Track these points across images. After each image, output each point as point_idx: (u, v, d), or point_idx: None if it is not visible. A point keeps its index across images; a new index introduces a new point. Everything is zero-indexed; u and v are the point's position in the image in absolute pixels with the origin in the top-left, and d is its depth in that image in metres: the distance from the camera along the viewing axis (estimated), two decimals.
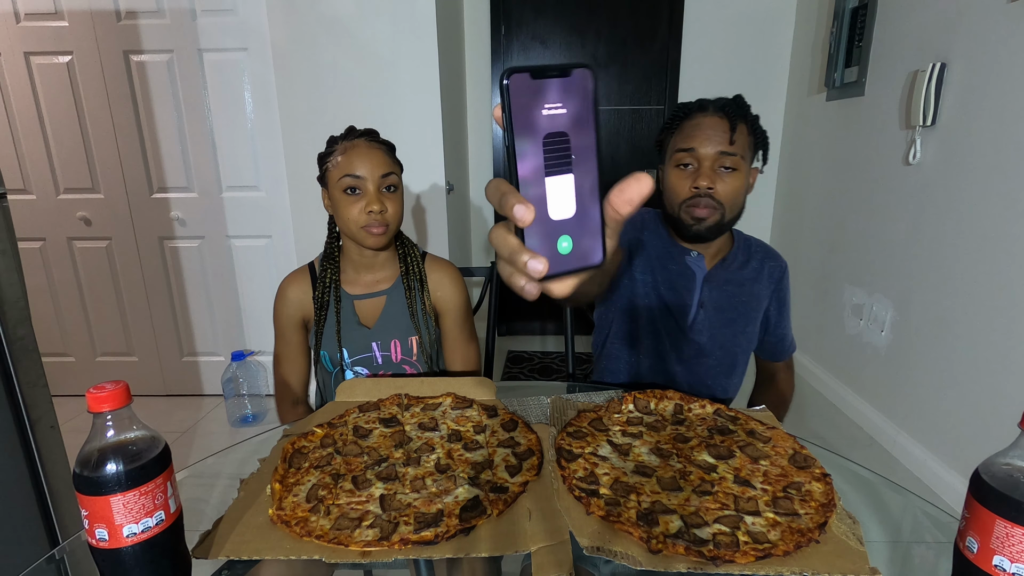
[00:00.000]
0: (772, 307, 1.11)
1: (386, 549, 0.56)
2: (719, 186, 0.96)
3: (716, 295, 1.07)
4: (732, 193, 0.97)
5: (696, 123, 0.97)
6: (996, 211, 1.61)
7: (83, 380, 2.48)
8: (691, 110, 0.99)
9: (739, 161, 0.96)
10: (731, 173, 0.96)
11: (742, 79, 2.91)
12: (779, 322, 1.12)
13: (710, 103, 0.98)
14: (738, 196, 0.98)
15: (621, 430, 0.79)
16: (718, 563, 0.53)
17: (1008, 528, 0.44)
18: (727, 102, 0.97)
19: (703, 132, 0.95)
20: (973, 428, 1.70)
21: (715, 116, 0.96)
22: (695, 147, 0.96)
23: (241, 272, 2.38)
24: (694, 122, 0.97)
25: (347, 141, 1.03)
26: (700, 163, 0.96)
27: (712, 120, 0.96)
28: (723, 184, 0.96)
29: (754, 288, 1.09)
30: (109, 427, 0.49)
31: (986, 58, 1.65)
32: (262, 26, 2.06)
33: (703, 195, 0.96)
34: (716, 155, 0.95)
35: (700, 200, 0.97)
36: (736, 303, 1.08)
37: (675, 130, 1.01)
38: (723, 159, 0.95)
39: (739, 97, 0.99)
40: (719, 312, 1.07)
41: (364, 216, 1.00)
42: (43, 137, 2.22)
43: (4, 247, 1.06)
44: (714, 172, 0.96)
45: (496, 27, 2.84)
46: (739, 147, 0.95)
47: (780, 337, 1.14)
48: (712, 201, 0.96)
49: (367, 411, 0.85)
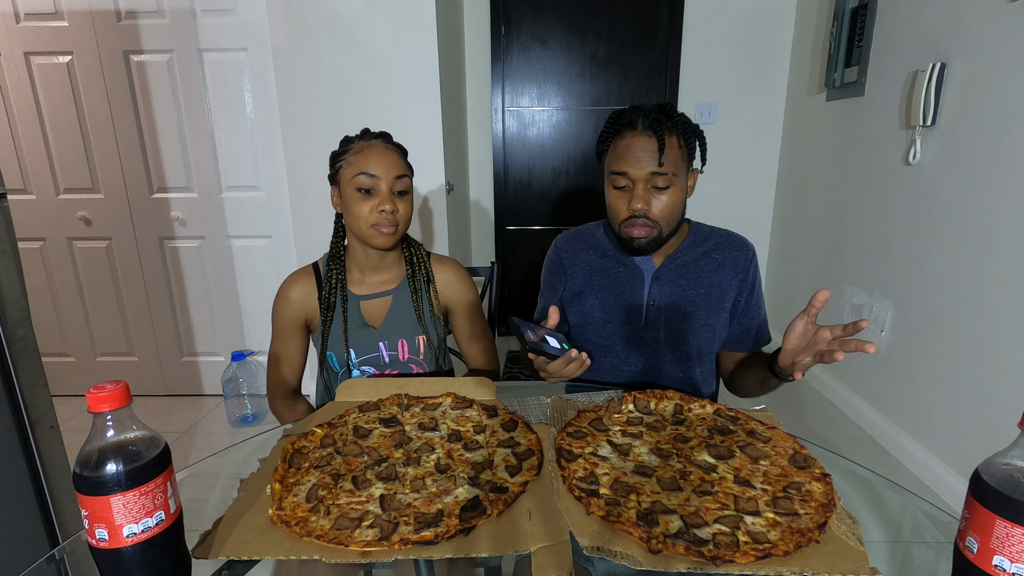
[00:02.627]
0: (740, 297, 1.08)
1: (386, 549, 0.56)
2: (654, 205, 0.98)
3: (668, 291, 1.07)
4: (667, 209, 0.99)
5: (627, 143, 0.98)
6: (996, 211, 1.61)
7: (83, 380, 2.48)
8: (622, 127, 1.00)
9: (672, 178, 0.97)
10: (665, 190, 0.98)
11: (742, 79, 2.91)
12: (747, 311, 1.09)
13: (639, 118, 0.98)
14: (675, 210, 1.00)
15: (621, 430, 0.79)
16: (718, 563, 0.53)
17: (1008, 528, 0.44)
18: (656, 117, 0.97)
19: (633, 155, 0.97)
20: (973, 428, 1.70)
21: (644, 136, 0.96)
22: (627, 170, 0.97)
23: (241, 272, 2.38)
24: (625, 142, 0.98)
25: (364, 141, 1.04)
26: (634, 184, 0.98)
27: (641, 141, 0.96)
28: (658, 202, 0.98)
29: (714, 279, 1.07)
30: (109, 427, 0.49)
31: (986, 58, 1.65)
32: (262, 26, 2.06)
33: (639, 216, 0.99)
34: (648, 176, 0.97)
35: (636, 221, 0.99)
36: (692, 296, 1.07)
37: (609, 146, 1.02)
38: (655, 179, 0.97)
39: (666, 106, 1.00)
40: (672, 307, 1.07)
41: (376, 215, 1.01)
42: (43, 137, 2.22)
43: (4, 247, 1.06)
44: (648, 192, 0.98)
45: (496, 27, 2.84)
46: (670, 164, 0.96)
47: (747, 327, 1.10)
48: (648, 221, 0.99)
49: (367, 411, 0.86)
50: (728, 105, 2.94)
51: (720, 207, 3.02)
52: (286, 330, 1.11)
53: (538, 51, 2.87)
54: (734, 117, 2.96)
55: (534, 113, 2.96)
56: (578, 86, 2.91)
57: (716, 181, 2.99)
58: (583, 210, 3.07)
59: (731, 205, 3.06)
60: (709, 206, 2.84)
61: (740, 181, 3.05)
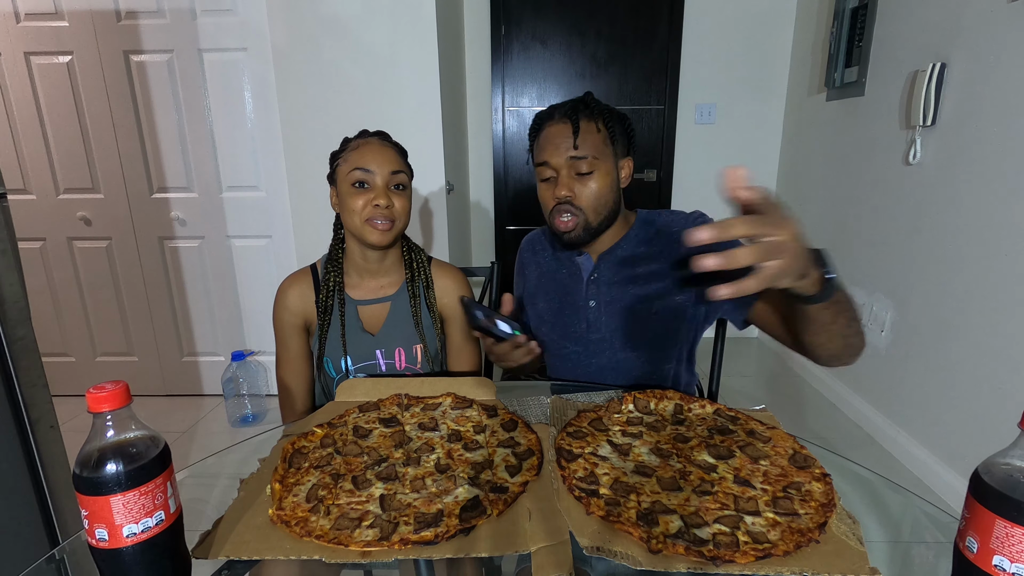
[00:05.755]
0: None
1: (386, 549, 0.56)
2: (578, 192, 0.97)
3: (604, 291, 1.05)
4: (593, 196, 0.97)
5: (545, 134, 0.99)
6: (996, 211, 1.61)
7: (83, 380, 2.48)
8: (542, 120, 1.01)
9: (593, 162, 0.96)
10: (588, 176, 0.96)
11: (742, 79, 2.91)
12: None
13: (557, 109, 0.98)
14: (601, 196, 0.98)
15: (621, 430, 0.79)
16: (718, 563, 0.53)
17: (1008, 528, 0.44)
18: (572, 105, 0.98)
19: (551, 142, 0.97)
20: (973, 428, 1.70)
21: (559, 123, 0.97)
22: (547, 159, 0.97)
23: (241, 272, 2.38)
24: (544, 133, 0.99)
25: (361, 139, 1.05)
26: (557, 172, 0.98)
27: (557, 128, 0.97)
28: (581, 188, 0.97)
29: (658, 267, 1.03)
30: (109, 427, 0.49)
31: (986, 58, 1.65)
32: (262, 26, 2.06)
33: (563, 203, 0.98)
34: (567, 162, 0.96)
35: (561, 209, 0.98)
36: (632, 291, 1.03)
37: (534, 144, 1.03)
38: (576, 164, 0.96)
39: (587, 95, 1.00)
40: (611, 304, 1.05)
41: (370, 208, 1.00)
42: (43, 137, 2.22)
43: (4, 247, 1.06)
44: (571, 179, 0.97)
45: (496, 27, 2.84)
46: (588, 147, 0.95)
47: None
48: (572, 207, 0.98)
49: (367, 411, 0.85)
50: (728, 105, 2.94)
51: (720, 207, 3.02)
52: (286, 334, 1.09)
53: (538, 51, 2.87)
54: (734, 117, 2.95)
55: (534, 113, 2.95)
56: (578, 86, 2.91)
57: (716, 181, 2.98)
58: None
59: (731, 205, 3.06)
60: (709, 206, 2.83)
61: None
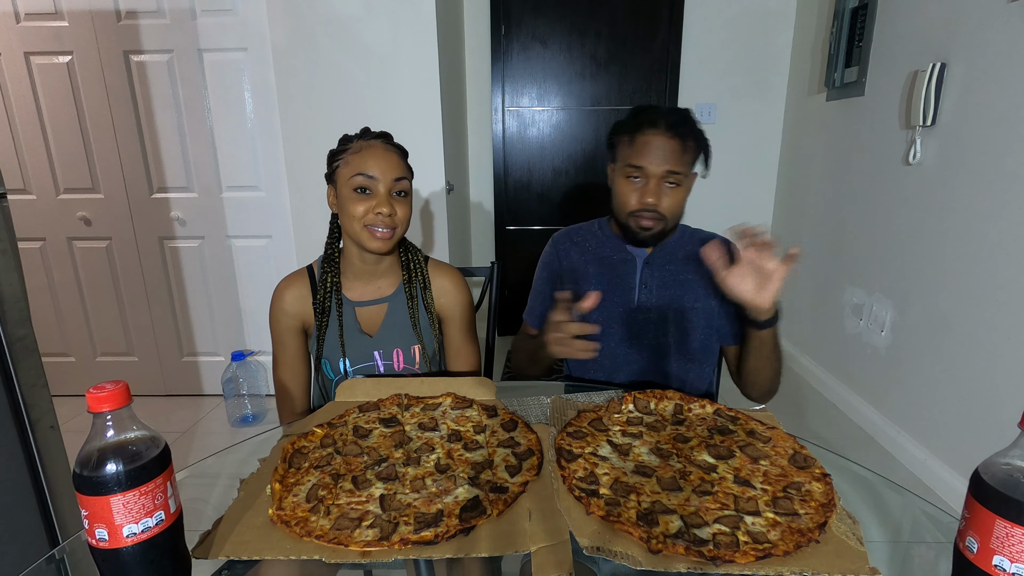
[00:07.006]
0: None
1: (386, 549, 0.56)
2: (664, 201, 1.04)
3: (658, 274, 1.12)
4: (675, 206, 1.05)
5: (647, 140, 1.01)
6: (996, 211, 1.61)
7: (83, 380, 2.48)
8: (642, 123, 1.03)
9: (683, 178, 1.03)
10: (675, 188, 1.04)
11: (742, 79, 2.91)
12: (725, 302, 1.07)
13: (662, 119, 1.01)
14: (681, 206, 1.07)
15: (621, 430, 0.79)
16: (718, 563, 0.53)
17: (1008, 528, 0.44)
18: (677, 120, 1.01)
19: (653, 152, 1.01)
20: (973, 428, 1.70)
21: (666, 135, 1.00)
22: (645, 165, 1.01)
23: (241, 272, 2.38)
24: (645, 138, 1.01)
25: (363, 140, 1.01)
26: (648, 179, 1.02)
27: (662, 140, 1.00)
28: (668, 199, 1.04)
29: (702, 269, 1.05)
30: (109, 427, 0.49)
31: (986, 58, 1.65)
32: (262, 26, 2.06)
33: (649, 209, 1.04)
34: (664, 173, 1.01)
35: (646, 213, 1.04)
36: (681, 280, 1.12)
37: (625, 139, 1.05)
38: (670, 176, 1.02)
39: (687, 113, 1.04)
40: (663, 289, 1.12)
41: (371, 216, 0.98)
42: (43, 137, 2.22)
43: (4, 247, 1.06)
44: (660, 189, 1.03)
45: (496, 27, 2.84)
46: (684, 165, 1.02)
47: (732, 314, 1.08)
48: (657, 214, 1.04)
49: (367, 411, 0.85)
50: (728, 105, 2.94)
51: (720, 207, 3.01)
52: (284, 335, 1.08)
53: (538, 51, 2.87)
54: (734, 117, 2.95)
55: (534, 113, 2.96)
56: (578, 86, 2.91)
57: (716, 181, 2.95)
58: (583, 210, 3.07)
59: (731, 205, 3.06)
60: (709, 206, 2.83)
61: (740, 181, 3.05)
